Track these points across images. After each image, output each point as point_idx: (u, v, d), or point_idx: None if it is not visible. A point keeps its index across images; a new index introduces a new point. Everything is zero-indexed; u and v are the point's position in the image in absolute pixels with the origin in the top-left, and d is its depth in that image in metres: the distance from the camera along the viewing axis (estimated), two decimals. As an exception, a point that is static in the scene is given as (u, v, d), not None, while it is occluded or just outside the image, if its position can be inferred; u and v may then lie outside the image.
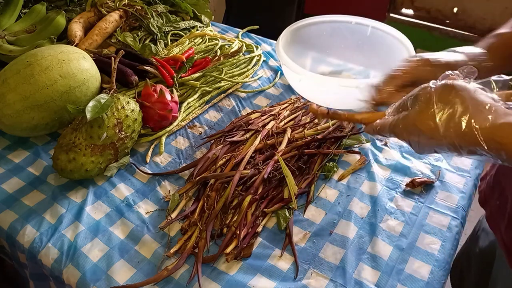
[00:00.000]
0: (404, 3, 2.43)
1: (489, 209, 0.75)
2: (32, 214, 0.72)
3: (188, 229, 0.68)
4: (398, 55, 0.95)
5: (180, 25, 1.16)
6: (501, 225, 0.70)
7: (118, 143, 0.76)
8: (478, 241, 0.85)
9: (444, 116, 0.44)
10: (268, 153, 0.77)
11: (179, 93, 0.95)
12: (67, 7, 1.14)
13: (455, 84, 0.45)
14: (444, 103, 0.44)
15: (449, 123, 0.43)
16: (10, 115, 0.77)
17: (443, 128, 0.44)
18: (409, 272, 0.63)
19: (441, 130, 0.44)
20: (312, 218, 0.72)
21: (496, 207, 0.72)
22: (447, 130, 0.44)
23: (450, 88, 0.45)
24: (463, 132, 0.43)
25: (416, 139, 0.48)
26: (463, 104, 0.43)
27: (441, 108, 0.44)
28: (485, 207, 0.77)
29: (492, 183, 0.74)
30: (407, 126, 0.48)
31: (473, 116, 0.42)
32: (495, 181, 0.73)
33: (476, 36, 2.26)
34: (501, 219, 0.69)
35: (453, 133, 0.43)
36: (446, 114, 0.44)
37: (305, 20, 1.03)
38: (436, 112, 0.44)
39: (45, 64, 0.79)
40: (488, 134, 0.42)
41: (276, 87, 1.03)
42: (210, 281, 0.62)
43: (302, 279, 0.62)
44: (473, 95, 0.44)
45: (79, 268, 0.64)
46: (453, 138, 0.43)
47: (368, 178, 0.78)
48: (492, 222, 0.74)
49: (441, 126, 0.44)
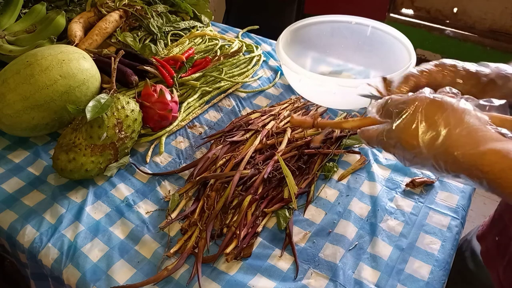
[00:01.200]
0: (404, 3, 2.43)
1: (485, 244, 0.71)
2: (32, 214, 0.72)
3: (188, 229, 0.68)
4: (398, 55, 0.95)
5: (180, 25, 1.16)
6: (499, 264, 0.66)
7: (118, 143, 0.76)
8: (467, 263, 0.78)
9: (426, 138, 0.42)
10: (268, 153, 0.77)
11: (179, 93, 0.95)
12: (67, 7, 1.14)
13: (443, 101, 0.42)
14: (428, 124, 0.42)
15: (432, 146, 0.41)
16: (10, 115, 0.77)
17: (425, 150, 0.42)
18: (409, 272, 0.63)
19: (424, 152, 0.42)
20: (312, 218, 0.72)
21: (494, 244, 0.68)
22: (429, 153, 0.42)
23: (438, 106, 0.42)
24: (445, 156, 0.41)
25: (401, 154, 0.45)
26: (447, 127, 0.41)
27: (425, 129, 0.42)
28: (481, 241, 0.73)
29: (492, 217, 0.71)
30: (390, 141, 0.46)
31: (456, 142, 0.40)
32: (496, 215, 0.70)
33: (476, 36, 2.26)
34: (500, 258, 0.66)
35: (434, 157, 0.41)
36: (428, 136, 0.41)
37: (305, 20, 1.03)
38: (419, 133, 0.42)
39: (45, 64, 0.79)
40: (471, 161, 0.39)
41: (276, 87, 1.03)
42: (210, 281, 0.62)
43: (302, 279, 0.63)
44: (460, 117, 0.41)
45: (79, 268, 0.64)
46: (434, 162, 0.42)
47: (368, 178, 0.78)
48: (488, 258, 0.70)
49: (423, 148, 0.42)
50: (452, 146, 0.40)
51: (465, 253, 0.78)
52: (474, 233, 0.78)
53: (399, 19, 2.44)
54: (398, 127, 0.44)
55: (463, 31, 2.30)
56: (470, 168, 0.40)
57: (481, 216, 1.76)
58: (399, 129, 0.44)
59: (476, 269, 0.75)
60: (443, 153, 0.41)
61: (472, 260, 0.76)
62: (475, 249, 0.75)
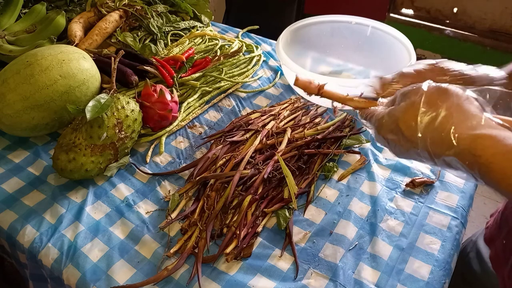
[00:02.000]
0: (404, 3, 2.43)
1: (494, 249, 0.71)
2: (32, 214, 0.72)
3: (188, 229, 0.68)
4: (398, 55, 0.95)
5: (180, 25, 1.16)
6: (504, 268, 0.66)
7: (118, 143, 0.76)
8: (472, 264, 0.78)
9: (426, 119, 0.42)
10: (268, 153, 0.77)
11: (179, 93, 0.95)
12: (67, 7, 1.14)
13: (448, 88, 0.43)
14: (430, 106, 0.42)
15: (429, 126, 0.42)
16: (10, 115, 0.77)
17: (421, 131, 0.42)
18: (409, 272, 0.63)
19: (419, 132, 0.42)
20: (312, 218, 0.72)
21: (501, 247, 0.68)
22: (425, 134, 0.42)
23: (442, 91, 0.43)
24: (441, 138, 0.41)
25: (395, 138, 0.46)
26: (448, 110, 0.41)
27: (425, 110, 0.43)
28: (490, 245, 0.73)
29: (499, 221, 0.71)
30: (390, 121, 0.46)
31: (454, 123, 0.40)
32: (502, 218, 0.70)
33: (476, 36, 2.26)
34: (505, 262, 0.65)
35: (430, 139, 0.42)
36: (428, 116, 0.42)
37: (305, 20, 1.03)
38: (419, 113, 0.43)
39: (45, 64, 0.79)
40: (465, 144, 0.39)
41: (276, 87, 1.03)
42: (210, 281, 0.62)
43: (302, 279, 0.62)
44: (461, 102, 0.42)
45: (79, 268, 0.64)
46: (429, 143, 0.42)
47: (368, 178, 0.78)
48: (496, 263, 0.70)
49: (420, 128, 0.42)
50: (449, 127, 0.41)
51: (469, 254, 0.78)
52: (480, 235, 0.77)
53: (399, 19, 2.44)
54: (401, 108, 0.45)
55: (463, 31, 2.30)
56: (463, 151, 0.40)
57: (481, 216, 1.76)
58: (401, 110, 0.45)
59: (481, 271, 0.74)
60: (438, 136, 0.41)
61: (478, 262, 0.75)
62: (481, 251, 0.75)
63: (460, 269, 0.76)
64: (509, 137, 0.38)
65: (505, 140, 0.38)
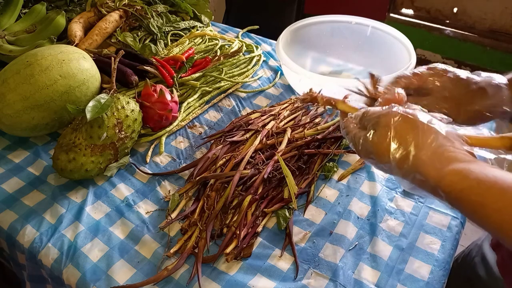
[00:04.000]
0: (404, 3, 2.43)
1: (500, 254, 0.70)
2: (32, 214, 0.72)
3: (188, 229, 0.68)
4: (398, 55, 0.95)
5: (180, 25, 1.16)
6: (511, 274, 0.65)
7: (118, 143, 0.76)
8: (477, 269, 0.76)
9: (397, 157, 0.43)
10: (268, 153, 0.77)
11: (179, 93, 0.95)
12: (67, 7, 1.14)
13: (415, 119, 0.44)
14: (400, 142, 0.43)
15: (402, 165, 0.43)
16: (10, 115, 0.77)
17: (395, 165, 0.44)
18: (409, 272, 0.63)
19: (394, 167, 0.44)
20: (312, 218, 0.72)
21: (508, 253, 0.67)
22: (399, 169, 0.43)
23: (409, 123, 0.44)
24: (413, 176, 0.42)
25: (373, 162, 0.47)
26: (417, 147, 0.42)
27: (396, 147, 0.43)
28: (496, 250, 0.72)
29: None
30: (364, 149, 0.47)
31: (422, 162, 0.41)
32: None
33: (476, 36, 2.26)
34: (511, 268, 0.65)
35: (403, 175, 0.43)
36: (399, 154, 0.43)
37: (305, 20, 1.03)
38: (391, 149, 0.43)
39: (45, 64, 0.79)
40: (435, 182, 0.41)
41: (276, 87, 1.03)
42: (210, 281, 0.62)
43: (302, 279, 0.62)
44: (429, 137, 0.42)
45: (79, 268, 0.64)
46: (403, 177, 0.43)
47: (368, 178, 0.78)
48: (503, 268, 0.69)
49: (393, 164, 0.44)
50: (419, 166, 0.42)
51: (475, 259, 0.77)
52: (485, 239, 0.77)
53: (399, 19, 2.44)
54: (372, 141, 0.46)
55: (463, 31, 2.30)
56: (435, 188, 0.41)
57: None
58: (373, 143, 0.46)
59: (487, 276, 0.74)
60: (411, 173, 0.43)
61: (484, 267, 0.75)
62: (486, 256, 0.74)
63: (466, 274, 0.76)
64: (475, 169, 0.39)
65: (471, 174, 0.39)
